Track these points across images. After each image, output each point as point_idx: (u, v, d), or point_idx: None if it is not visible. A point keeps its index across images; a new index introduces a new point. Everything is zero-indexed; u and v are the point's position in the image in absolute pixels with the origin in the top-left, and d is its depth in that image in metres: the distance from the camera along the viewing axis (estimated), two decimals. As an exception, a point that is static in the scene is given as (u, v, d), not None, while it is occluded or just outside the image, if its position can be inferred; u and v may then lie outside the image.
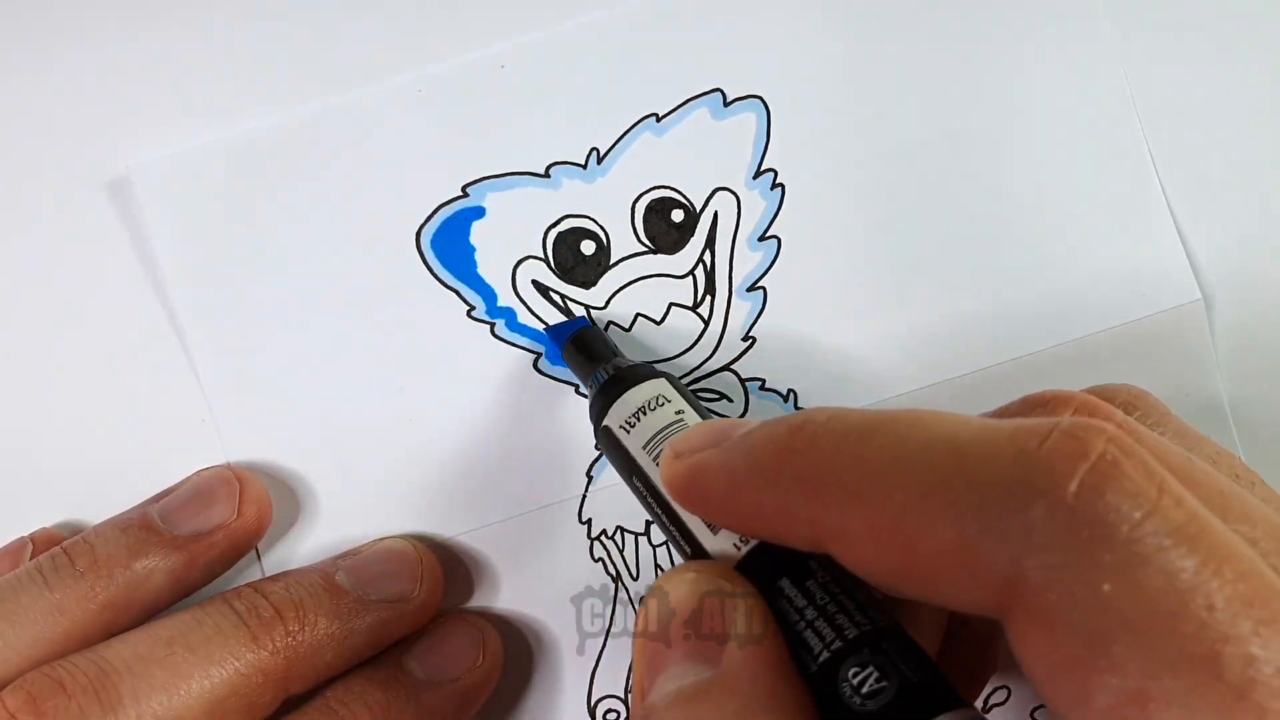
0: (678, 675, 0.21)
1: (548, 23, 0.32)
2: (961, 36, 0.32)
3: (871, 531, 0.18)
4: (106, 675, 0.26)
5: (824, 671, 0.20)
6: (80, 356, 0.32)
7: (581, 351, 0.31)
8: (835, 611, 0.21)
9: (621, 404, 0.28)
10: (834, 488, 0.19)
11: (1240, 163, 0.33)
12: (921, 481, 0.18)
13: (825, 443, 0.19)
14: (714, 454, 0.21)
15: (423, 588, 0.31)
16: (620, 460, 0.27)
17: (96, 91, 0.32)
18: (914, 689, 0.19)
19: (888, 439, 0.19)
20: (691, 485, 0.22)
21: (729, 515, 0.22)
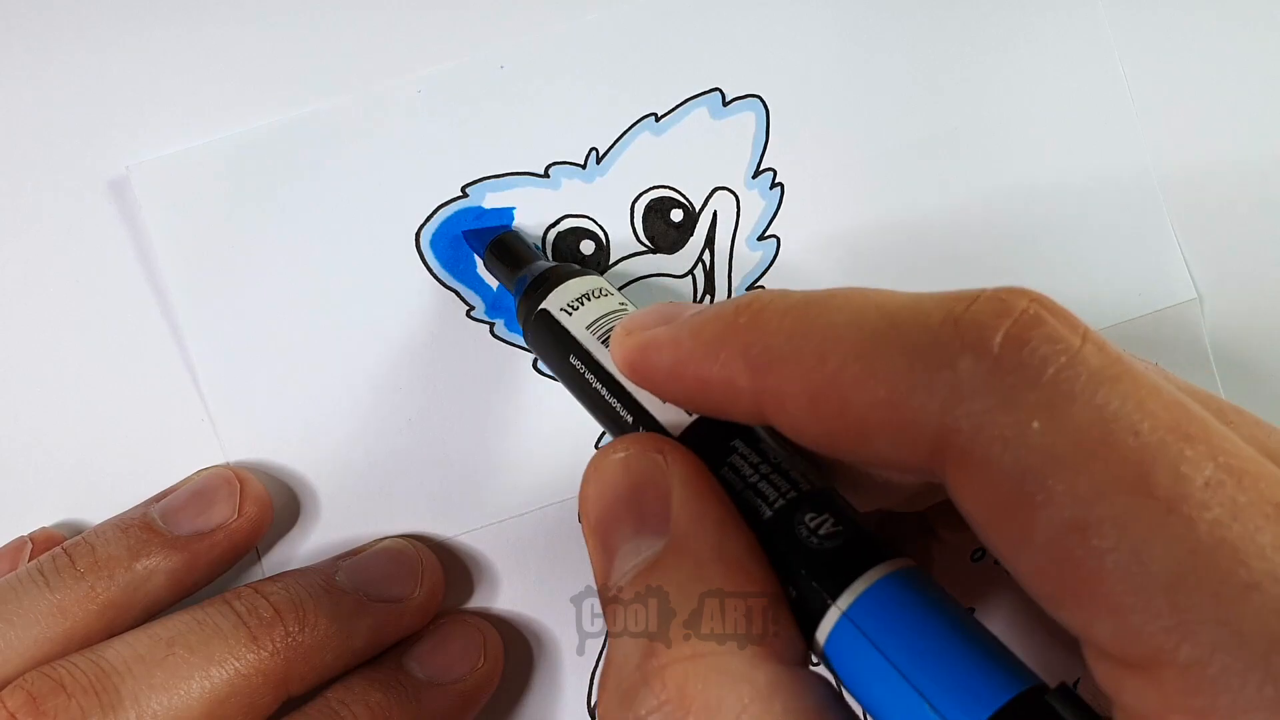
0: (632, 552, 0.21)
1: (548, 23, 0.32)
2: (960, 36, 0.33)
3: (808, 396, 0.19)
4: (106, 675, 0.26)
5: (779, 517, 0.21)
6: (80, 356, 0.32)
7: (503, 258, 0.31)
8: (789, 469, 0.22)
9: (563, 290, 0.28)
10: (774, 358, 0.20)
11: (1236, 162, 0.33)
12: (854, 346, 0.18)
13: (767, 317, 0.20)
14: (663, 331, 0.22)
15: (422, 588, 0.31)
16: (557, 342, 0.28)
17: (96, 91, 0.32)
18: (866, 536, 0.20)
19: (825, 310, 0.19)
20: (642, 360, 0.22)
21: (677, 390, 0.22)
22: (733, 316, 0.21)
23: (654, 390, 0.23)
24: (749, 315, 0.20)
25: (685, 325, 0.22)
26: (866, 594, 0.19)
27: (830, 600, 0.19)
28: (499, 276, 0.32)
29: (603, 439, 0.32)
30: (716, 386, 0.21)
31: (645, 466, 0.22)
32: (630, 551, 0.21)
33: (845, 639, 0.19)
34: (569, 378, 0.27)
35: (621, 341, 0.23)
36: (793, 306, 0.20)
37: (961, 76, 0.33)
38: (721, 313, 0.21)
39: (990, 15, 0.32)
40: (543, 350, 0.29)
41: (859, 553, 0.20)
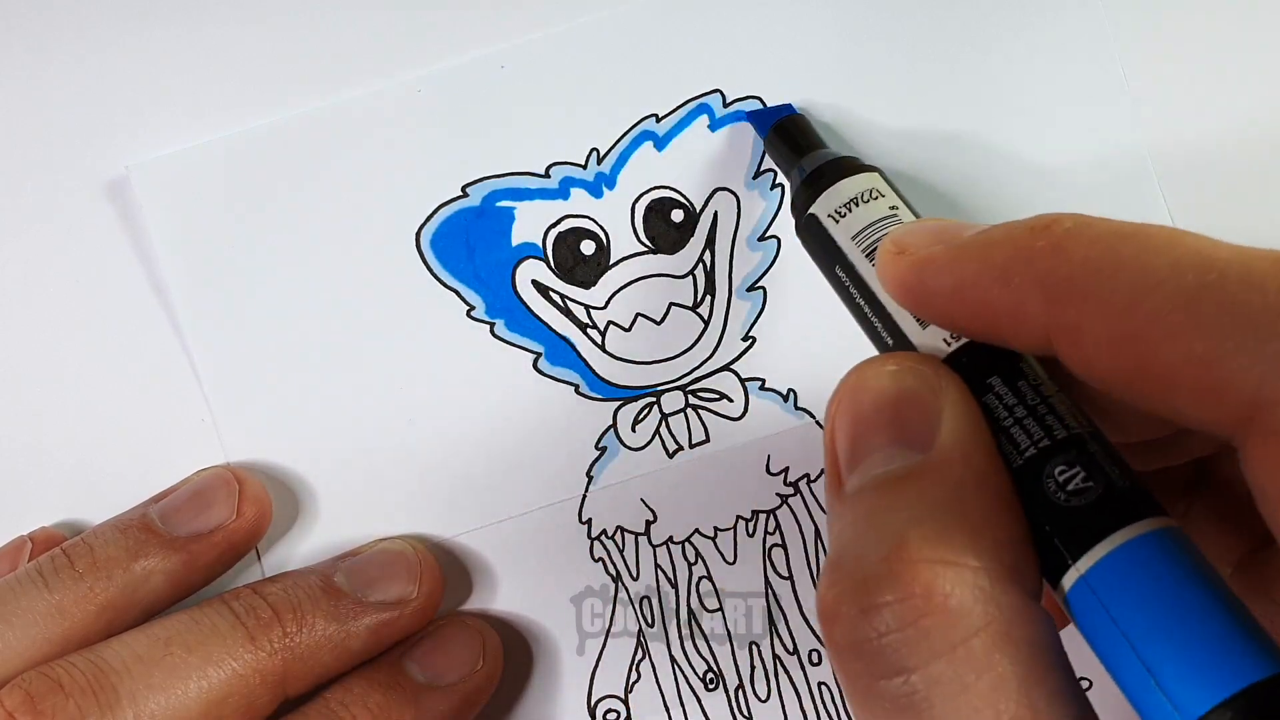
0: (883, 460, 0.20)
1: (548, 23, 0.32)
2: (961, 37, 0.32)
3: (1112, 337, 0.18)
4: (104, 675, 0.26)
5: (1029, 467, 0.20)
6: (80, 356, 0.32)
7: (785, 140, 0.31)
8: (1045, 413, 0.21)
9: (832, 193, 0.27)
10: (1078, 291, 0.19)
11: (1236, 158, 0.33)
12: (1175, 293, 0.18)
13: (1072, 245, 0.19)
14: (943, 250, 0.21)
15: (421, 589, 0.31)
16: (824, 251, 0.27)
17: (96, 91, 0.32)
18: (1120, 492, 0.19)
19: (1138, 249, 0.18)
20: (916, 281, 0.22)
21: (951, 314, 0.21)
22: (1028, 238, 0.20)
23: (924, 314, 0.22)
24: (1049, 239, 0.19)
25: (970, 245, 0.21)
26: (1107, 559, 0.19)
27: (1070, 561, 0.19)
28: (778, 163, 0.31)
29: (604, 435, 0.32)
30: (1003, 312, 0.20)
31: (917, 382, 0.21)
32: (882, 459, 0.20)
33: (1083, 601, 0.19)
34: (835, 286, 0.26)
35: (893, 261, 0.22)
36: (1100, 236, 0.19)
37: (961, 75, 0.32)
38: (1014, 233, 0.20)
39: (990, 14, 0.32)
40: (812, 253, 0.28)
41: (1108, 512, 0.19)
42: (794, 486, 0.33)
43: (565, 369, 0.32)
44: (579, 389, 0.32)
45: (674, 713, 0.32)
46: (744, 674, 0.32)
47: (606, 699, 0.32)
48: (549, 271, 0.32)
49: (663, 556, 0.32)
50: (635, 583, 0.32)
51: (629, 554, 0.32)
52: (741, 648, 0.32)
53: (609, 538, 0.32)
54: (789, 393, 0.33)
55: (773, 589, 0.32)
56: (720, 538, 0.32)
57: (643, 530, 0.32)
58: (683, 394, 0.33)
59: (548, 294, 0.32)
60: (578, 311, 0.33)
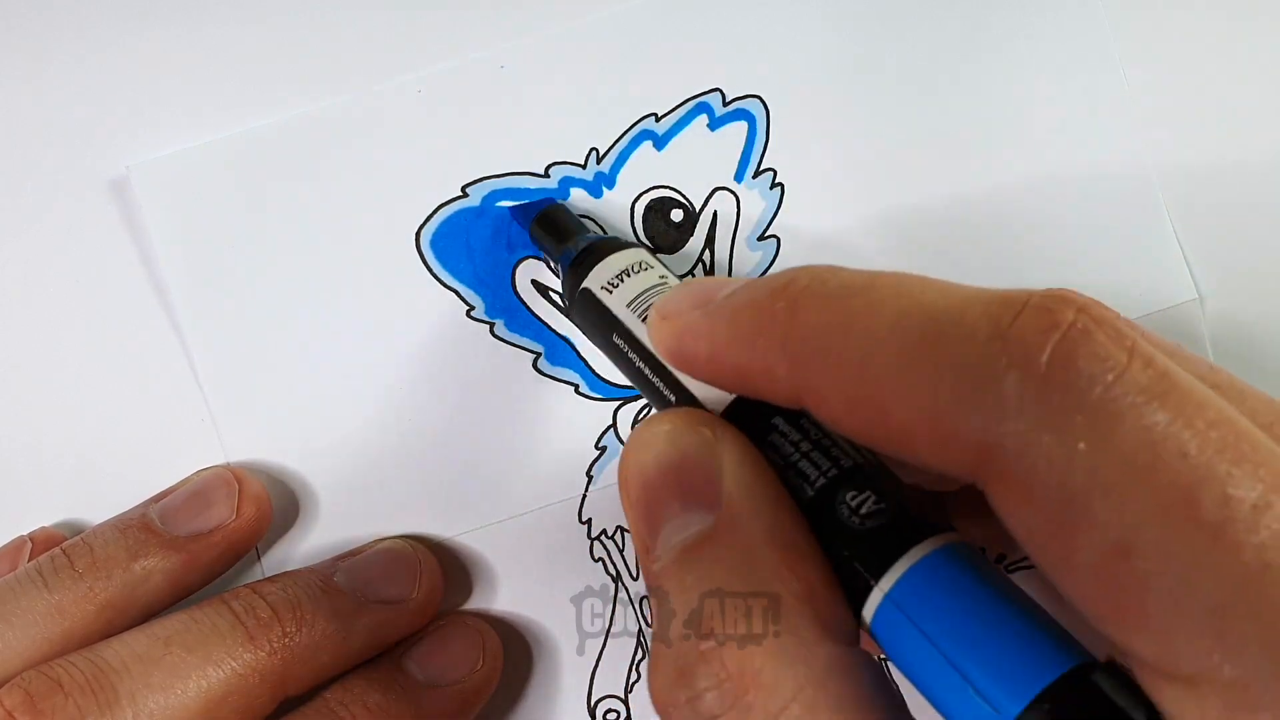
0: (679, 528, 0.21)
1: (548, 23, 0.32)
2: (961, 36, 0.32)
3: (846, 397, 0.19)
4: (104, 674, 0.26)
5: (820, 496, 0.21)
6: (80, 356, 0.32)
7: (550, 230, 0.31)
8: (829, 445, 0.21)
9: (603, 267, 0.28)
10: (812, 353, 0.19)
11: (1237, 162, 0.33)
12: (897, 352, 0.18)
13: (804, 308, 0.20)
14: (698, 317, 0.22)
15: (421, 589, 0.31)
16: (599, 320, 0.27)
17: (96, 91, 0.32)
18: (910, 510, 0.20)
19: (866, 304, 0.19)
20: (679, 347, 0.22)
21: (714, 376, 0.22)
22: (769, 302, 0.20)
23: (693, 375, 0.23)
24: (786, 302, 0.20)
25: (720, 311, 0.21)
26: (909, 574, 0.19)
27: (873, 582, 0.19)
28: (546, 251, 0.31)
29: (604, 435, 0.32)
30: (755, 375, 0.21)
31: (693, 441, 0.21)
32: (676, 527, 0.21)
33: (889, 619, 0.19)
34: (613, 355, 0.27)
35: (658, 327, 0.23)
36: (832, 297, 0.19)
37: (961, 76, 0.33)
38: (756, 298, 0.21)
39: (990, 15, 0.32)
40: (587, 328, 0.29)
41: (901, 531, 0.20)
42: (794, 486, 0.33)
43: (565, 369, 0.33)
44: (579, 389, 0.32)
45: (674, 712, 0.32)
46: (744, 674, 0.32)
47: (606, 699, 0.32)
48: (549, 271, 0.32)
49: (663, 556, 0.32)
50: (635, 583, 0.32)
51: (629, 554, 0.32)
52: (741, 647, 0.32)
53: (609, 538, 0.32)
54: (789, 392, 0.33)
55: (773, 589, 0.32)
56: (720, 537, 0.32)
57: (643, 530, 0.32)
58: (683, 394, 0.33)
59: (548, 294, 0.33)
60: (577, 311, 0.33)
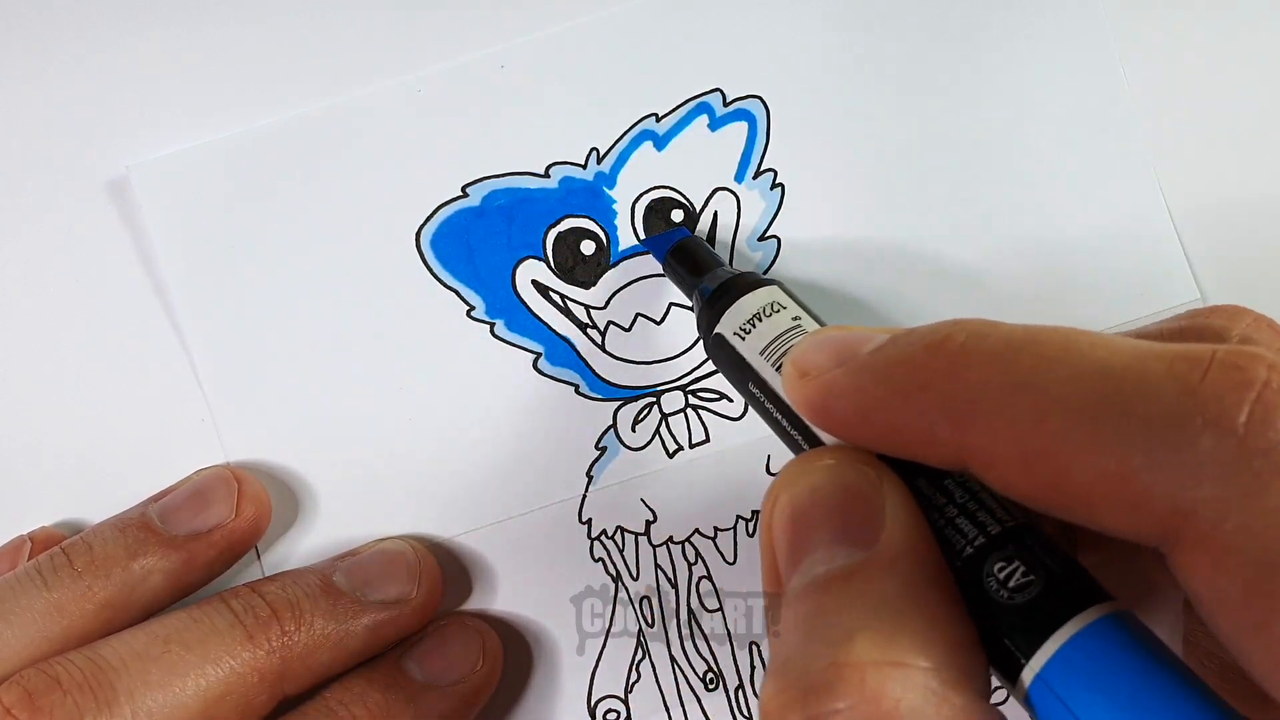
0: (825, 559, 0.20)
1: (548, 23, 0.32)
2: (961, 36, 0.32)
3: (1021, 458, 0.18)
4: (102, 672, 0.26)
5: (967, 567, 0.20)
6: (80, 356, 0.32)
7: (683, 263, 0.31)
8: (976, 509, 0.20)
9: (735, 311, 0.27)
10: (980, 413, 0.18)
11: (1238, 162, 0.33)
12: (1077, 410, 0.17)
13: (967, 365, 0.19)
14: (842, 374, 0.21)
15: (420, 589, 0.31)
16: (734, 368, 0.27)
17: (96, 91, 0.32)
18: (1061, 582, 0.19)
19: (1035, 361, 0.18)
20: (822, 406, 0.21)
21: (862, 435, 0.21)
22: (925, 358, 0.19)
23: (839, 434, 0.22)
24: (945, 360, 0.19)
25: (868, 368, 0.20)
26: (1060, 654, 0.18)
27: (1024, 660, 0.19)
28: (679, 284, 0.31)
29: (604, 435, 0.32)
30: (910, 435, 0.20)
31: (857, 476, 0.21)
32: (825, 556, 0.20)
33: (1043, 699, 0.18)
34: (751, 402, 0.27)
35: (797, 386, 0.22)
36: (996, 352, 0.19)
37: (962, 77, 0.32)
38: (911, 354, 0.20)
39: (990, 15, 0.32)
40: (723, 370, 0.28)
41: (1052, 605, 0.19)
42: (794, 486, 0.32)
43: (565, 369, 0.32)
44: (579, 389, 0.32)
45: (674, 713, 0.32)
46: (744, 674, 0.32)
47: (606, 699, 0.32)
48: (549, 271, 0.32)
49: (663, 556, 0.32)
50: (635, 583, 0.32)
51: (629, 554, 0.32)
52: (741, 648, 0.32)
53: (609, 538, 0.32)
54: (789, 392, 0.33)
55: (773, 589, 0.32)
56: (720, 538, 0.32)
57: (643, 530, 0.32)
58: (683, 394, 0.33)
59: (548, 294, 0.32)
60: (578, 311, 0.33)
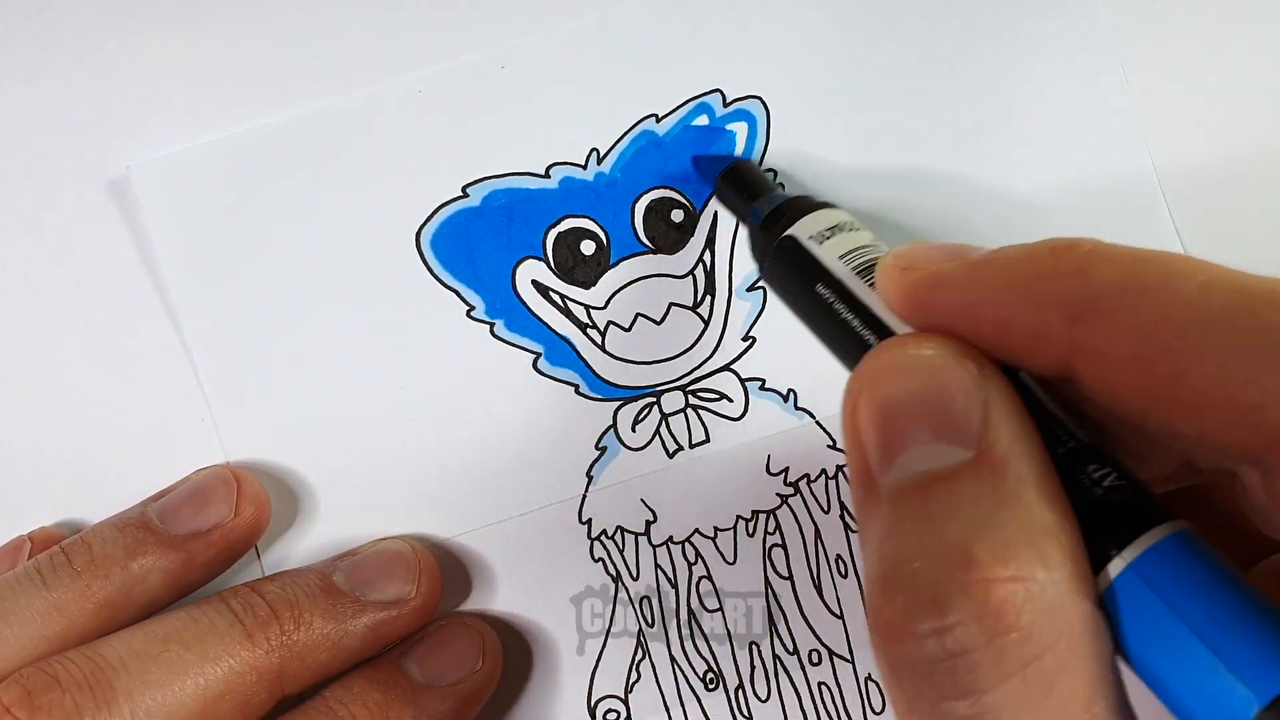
0: (925, 457, 0.19)
1: (548, 23, 0.32)
2: (961, 36, 0.32)
3: (1138, 356, 0.18)
4: (101, 671, 0.26)
5: (1063, 463, 0.20)
6: (80, 356, 0.32)
7: (739, 186, 0.31)
8: (1064, 420, 0.20)
9: (813, 218, 0.27)
10: (1102, 311, 0.18)
11: (1238, 162, 0.33)
12: (1205, 313, 0.17)
13: (1095, 267, 0.19)
14: (957, 267, 0.20)
15: (420, 589, 0.31)
16: (804, 270, 0.26)
17: (96, 91, 0.32)
18: (1147, 493, 0.19)
19: (1163, 272, 0.18)
20: (927, 298, 0.21)
21: (966, 331, 0.20)
22: (1049, 259, 0.19)
23: (936, 327, 0.21)
24: (1071, 259, 0.19)
25: (988, 262, 0.20)
26: (1153, 549, 0.18)
27: (1115, 552, 0.19)
28: (730, 206, 0.31)
29: (604, 435, 0.32)
30: (1020, 332, 0.19)
31: (959, 370, 0.20)
32: (922, 455, 0.19)
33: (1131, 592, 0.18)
34: (812, 307, 0.26)
35: (898, 276, 0.21)
36: (1124, 258, 0.19)
37: (961, 76, 0.32)
38: (1034, 253, 0.20)
39: (990, 15, 0.32)
40: (783, 279, 0.27)
41: (1143, 509, 0.19)
42: (794, 486, 0.32)
43: (565, 369, 0.32)
44: (579, 389, 0.32)
45: (674, 713, 0.32)
46: (744, 674, 0.32)
47: (606, 699, 0.32)
48: (549, 271, 0.32)
49: (663, 556, 0.32)
50: (635, 583, 0.32)
51: (629, 554, 0.32)
52: (741, 648, 0.32)
53: (609, 538, 0.32)
54: (789, 393, 0.33)
55: (773, 589, 0.32)
56: (720, 538, 0.32)
57: (643, 530, 0.32)
58: (683, 394, 0.33)
59: (548, 294, 0.32)
60: (578, 311, 0.33)
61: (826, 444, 0.33)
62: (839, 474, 0.33)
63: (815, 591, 0.32)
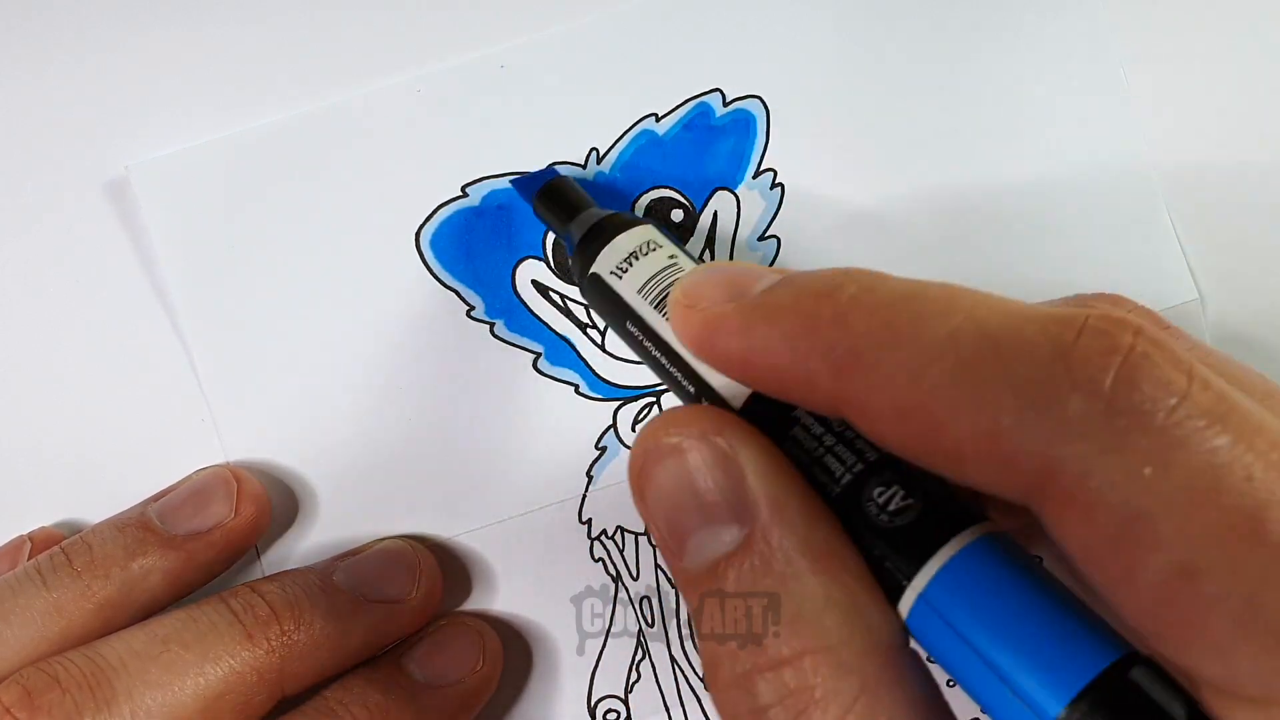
0: (706, 542, 0.20)
1: (548, 23, 0.32)
2: (961, 36, 0.32)
3: (897, 411, 0.18)
4: (101, 671, 0.26)
5: (846, 494, 0.20)
6: (80, 356, 0.32)
7: (555, 204, 0.30)
8: (854, 436, 0.21)
9: (611, 250, 0.27)
10: (861, 364, 0.19)
11: (1238, 161, 0.33)
12: (953, 367, 0.18)
13: (852, 316, 0.19)
14: (732, 310, 0.21)
15: (420, 589, 0.31)
16: (611, 307, 0.27)
17: (96, 91, 0.32)
18: (941, 504, 0.19)
19: (917, 315, 0.18)
20: (708, 338, 0.21)
21: (745, 374, 0.21)
22: (813, 305, 0.20)
23: (719, 369, 0.22)
24: (832, 309, 0.19)
25: (759, 310, 0.20)
26: (941, 572, 0.19)
27: (905, 581, 0.19)
28: (551, 227, 0.31)
29: (604, 435, 0.32)
30: (792, 379, 0.20)
31: (711, 455, 0.21)
32: (704, 541, 0.20)
33: (925, 619, 0.19)
34: (627, 341, 0.26)
35: (684, 316, 0.22)
36: (882, 304, 0.19)
37: (961, 76, 0.33)
38: (800, 301, 0.20)
39: (990, 15, 0.32)
40: (600, 312, 0.28)
41: (932, 526, 0.19)
42: (794, 486, 0.32)
43: (565, 369, 0.32)
44: (579, 389, 0.32)
45: (674, 713, 0.32)
46: (744, 674, 0.32)
47: (606, 699, 0.32)
48: (549, 271, 0.32)
49: (663, 557, 0.32)
50: (635, 583, 0.32)
51: (629, 554, 0.32)
52: (741, 648, 0.32)
53: (609, 538, 0.32)
54: (789, 392, 0.33)
55: (773, 589, 0.32)
56: (720, 537, 0.32)
57: (643, 530, 0.32)
58: (683, 394, 0.33)
59: (548, 294, 0.32)
60: (578, 311, 0.33)
61: (826, 444, 0.33)
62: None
63: None
